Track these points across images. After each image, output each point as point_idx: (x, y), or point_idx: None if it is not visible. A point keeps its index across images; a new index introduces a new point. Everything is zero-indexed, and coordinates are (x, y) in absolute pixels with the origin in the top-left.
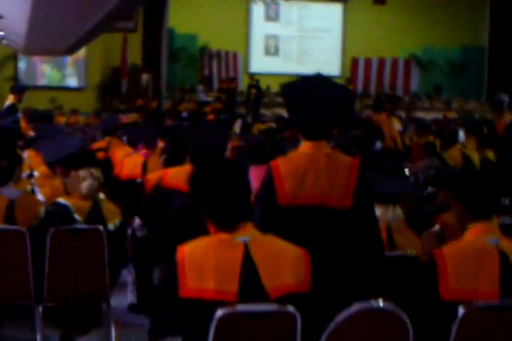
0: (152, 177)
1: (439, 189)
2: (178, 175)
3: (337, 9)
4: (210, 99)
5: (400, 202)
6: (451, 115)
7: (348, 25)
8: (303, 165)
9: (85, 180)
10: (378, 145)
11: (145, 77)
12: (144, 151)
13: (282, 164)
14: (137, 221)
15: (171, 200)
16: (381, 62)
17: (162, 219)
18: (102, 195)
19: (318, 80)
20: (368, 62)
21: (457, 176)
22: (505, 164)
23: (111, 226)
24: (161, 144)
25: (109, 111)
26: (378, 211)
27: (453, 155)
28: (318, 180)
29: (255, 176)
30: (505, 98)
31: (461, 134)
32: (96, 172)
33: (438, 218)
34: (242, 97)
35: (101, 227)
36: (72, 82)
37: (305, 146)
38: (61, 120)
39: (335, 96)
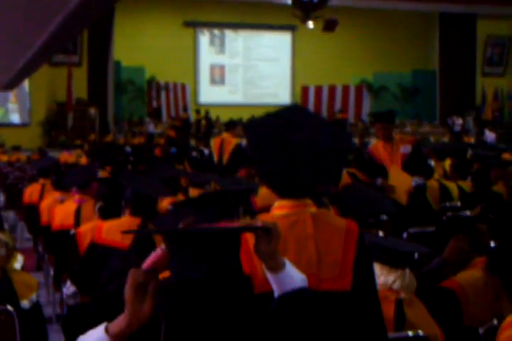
0: (84, 230)
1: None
2: (114, 230)
3: (286, 38)
4: (159, 131)
5: (412, 266)
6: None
7: (298, 54)
8: (281, 233)
9: None
10: (379, 181)
11: (91, 111)
12: (77, 196)
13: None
14: (70, 287)
15: (107, 260)
16: (332, 90)
17: (98, 283)
18: (17, 264)
19: (295, 116)
20: (318, 90)
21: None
22: (485, 196)
23: (25, 303)
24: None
25: (55, 147)
26: (385, 276)
27: (431, 187)
28: (303, 252)
29: None
30: (458, 121)
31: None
32: (4, 236)
33: (449, 280)
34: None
35: (10, 307)
36: (16, 117)
37: (281, 206)
38: (3, 158)
39: (320, 140)
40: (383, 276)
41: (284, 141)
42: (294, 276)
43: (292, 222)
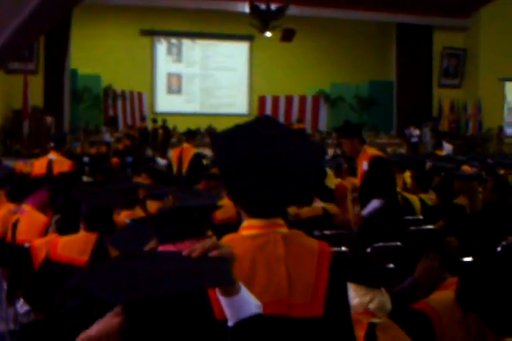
0: (39, 244)
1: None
2: (71, 246)
3: (243, 48)
4: (114, 139)
5: (385, 286)
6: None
7: (255, 64)
8: (249, 256)
9: None
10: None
11: (48, 119)
12: (25, 207)
13: None
14: (23, 306)
15: (63, 277)
16: (289, 100)
17: (52, 301)
18: None
19: (265, 129)
20: (275, 101)
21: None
22: (448, 209)
23: None
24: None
25: (10, 155)
26: (361, 297)
27: None
28: (274, 276)
29: None
30: (416, 132)
31: None
32: None
33: (421, 302)
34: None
35: None
36: None
37: (250, 226)
38: None
39: (293, 155)
40: (358, 297)
41: (254, 156)
42: (249, 301)
43: (262, 243)
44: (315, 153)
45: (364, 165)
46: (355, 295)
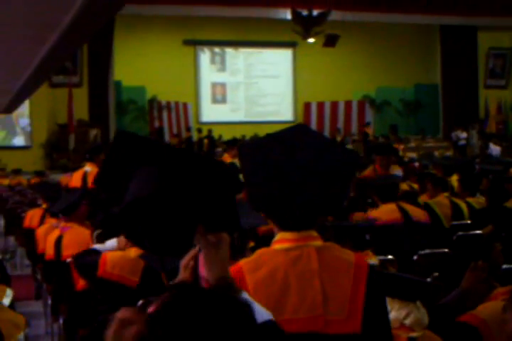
0: None
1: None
2: (122, 264)
3: (287, 54)
4: None
5: (423, 299)
6: None
7: (299, 70)
8: (282, 270)
9: None
10: None
11: (93, 132)
12: (62, 224)
13: (248, 270)
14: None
15: (111, 295)
16: (334, 106)
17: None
18: (6, 299)
19: (294, 138)
20: (320, 106)
21: None
22: (497, 213)
23: None
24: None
25: (57, 169)
26: (396, 311)
27: (441, 204)
28: (307, 292)
29: None
30: (463, 134)
31: None
32: None
33: (470, 315)
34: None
35: None
36: (18, 140)
37: (282, 240)
38: (4, 182)
39: (323, 164)
40: (394, 311)
41: (280, 165)
42: (255, 308)
43: (294, 257)
44: (347, 162)
45: None
46: (390, 309)
